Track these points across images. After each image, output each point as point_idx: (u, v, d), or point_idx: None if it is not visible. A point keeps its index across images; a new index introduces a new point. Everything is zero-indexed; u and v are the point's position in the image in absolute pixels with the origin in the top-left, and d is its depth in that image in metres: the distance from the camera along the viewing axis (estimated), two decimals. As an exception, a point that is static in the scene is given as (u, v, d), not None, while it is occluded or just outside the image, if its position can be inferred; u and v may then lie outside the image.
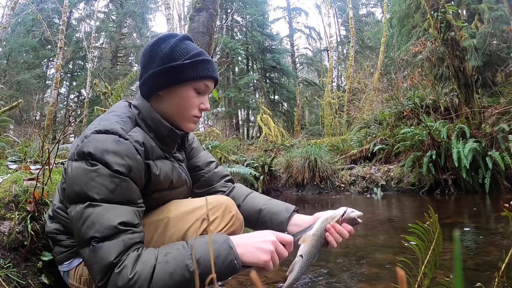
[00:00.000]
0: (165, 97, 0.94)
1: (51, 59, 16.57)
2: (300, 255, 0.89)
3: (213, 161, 1.22)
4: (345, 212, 0.97)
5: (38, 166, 1.79)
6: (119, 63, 18.73)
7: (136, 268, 0.71)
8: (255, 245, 0.80)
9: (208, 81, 0.96)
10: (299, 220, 1.07)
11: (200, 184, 1.16)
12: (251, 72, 17.16)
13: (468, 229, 2.41)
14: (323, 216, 0.98)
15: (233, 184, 1.23)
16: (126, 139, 0.83)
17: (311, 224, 0.99)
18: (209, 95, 1.03)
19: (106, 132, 0.82)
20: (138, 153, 0.84)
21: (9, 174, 1.47)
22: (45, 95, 17.51)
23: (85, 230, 0.74)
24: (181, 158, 1.08)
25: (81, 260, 0.97)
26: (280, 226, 1.06)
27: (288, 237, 0.86)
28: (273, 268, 0.81)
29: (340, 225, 0.97)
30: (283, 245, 0.85)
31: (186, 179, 1.05)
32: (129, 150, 0.82)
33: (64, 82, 17.81)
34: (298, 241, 0.91)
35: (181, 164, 1.06)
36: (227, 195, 1.15)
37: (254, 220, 1.10)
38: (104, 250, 0.71)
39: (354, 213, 0.98)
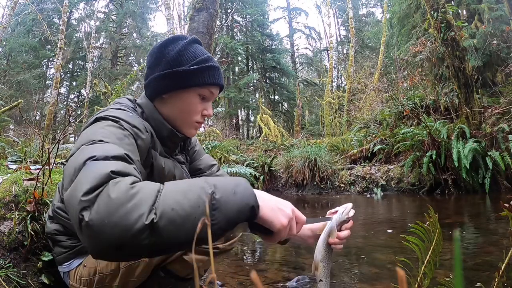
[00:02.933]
0: (168, 101, 0.94)
1: (51, 59, 16.58)
2: (320, 280, 0.92)
3: (215, 164, 1.22)
4: (337, 220, 0.98)
5: (38, 166, 1.79)
6: (119, 63, 18.73)
7: (139, 183, 0.56)
8: (277, 205, 0.69)
9: (213, 88, 0.95)
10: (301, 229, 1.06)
11: None
12: (251, 72, 17.16)
13: (464, 234, 2.41)
14: (322, 236, 0.97)
15: None
16: (138, 117, 0.85)
17: (311, 233, 1.01)
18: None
19: (118, 109, 0.84)
20: (147, 131, 0.85)
21: (9, 174, 1.47)
22: (45, 95, 17.52)
23: (82, 157, 0.59)
24: (182, 160, 1.08)
25: (81, 261, 0.97)
26: None
27: (303, 217, 0.78)
28: (282, 239, 0.72)
29: (339, 230, 0.97)
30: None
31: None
32: (139, 124, 0.82)
33: (64, 82, 17.81)
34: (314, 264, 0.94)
35: (182, 167, 1.06)
36: None
37: None
38: (100, 164, 0.57)
39: (344, 212, 0.99)
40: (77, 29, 18.30)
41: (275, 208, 0.68)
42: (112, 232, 0.49)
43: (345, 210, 0.98)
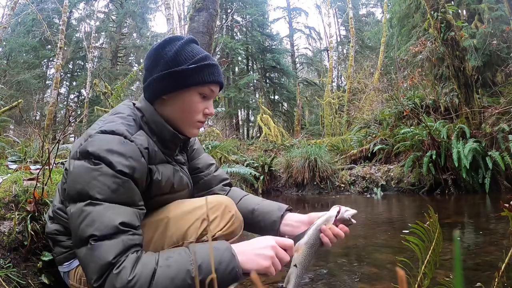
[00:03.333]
0: (169, 102, 0.93)
1: (51, 59, 16.58)
2: (294, 265, 0.88)
3: (213, 164, 1.22)
4: (338, 212, 0.95)
5: (38, 166, 1.79)
6: (119, 63, 18.73)
7: (136, 270, 0.69)
8: (255, 252, 0.79)
9: (213, 86, 0.94)
10: (293, 219, 1.05)
11: (199, 186, 1.16)
12: (251, 72, 17.16)
13: (464, 234, 2.41)
14: (316, 222, 0.95)
15: (230, 187, 1.23)
16: (132, 141, 0.82)
17: (307, 227, 0.98)
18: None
19: (112, 132, 0.81)
20: (143, 156, 0.83)
21: (9, 174, 1.47)
22: (45, 95, 17.52)
23: (83, 228, 0.71)
24: (182, 160, 1.08)
25: None
26: (272, 225, 1.05)
27: (288, 242, 0.85)
28: (275, 273, 0.81)
29: (337, 226, 0.95)
30: (284, 249, 0.84)
31: (188, 183, 1.05)
32: (134, 151, 0.81)
33: (64, 82, 17.81)
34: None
35: (182, 167, 1.05)
36: None
37: (248, 221, 1.09)
38: (102, 249, 0.69)
39: (348, 212, 0.96)
40: (77, 29, 18.30)
41: (253, 257, 0.79)
42: None
43: (349, 211, 0.96)
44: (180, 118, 0.94)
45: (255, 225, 1.09)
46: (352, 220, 0.96)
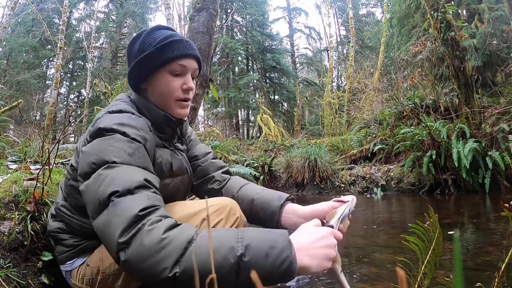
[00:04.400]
0: (148, 89, 0.96)
1: (51, 59, 16.57)
2: (341, 271, 0.83)
3: (210, 152, 1.23)
4: (350, 209, 0.95)
5: (38, 166, 1.79)
6: (119, 63, 18.73)
7: (171, 232, 0.60)
8: (319, 252, 0.67)
9: (181, 60, 0.93)
10: (296, 211, 1.02)
11: (197, 173, 1.16)
12: (251, 72, 17.16)
13: (464, 234, 2.41)
14: (335, 225, 0.89)
15: (230, 176, 1.21)
16: (140, 117, 0.88)
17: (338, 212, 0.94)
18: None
19: (119, 111, 0.86)
20: (150, 130, 0.88)
21: (9, 174, 1.47)
22: (45, 95, 17.52)
23: (103, 189, 0.65)
24: (181, 147, 1.10)
25: (84, 260, 0.96)
26: (272, 216, 1.02)
27: (340, 235, 0.75)
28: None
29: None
30: None
31: (187, 168, 1.07)
32: (144, 125, 0.85)
33: (64, 82, 17.80)
34: None
35: (181, 154, 1.07)
36: (223, 186, 1.14)
37: (248, 211, 1.07)
38: (127, 202, 0.62)
39: (354, 201, 0.96)
40: (77, 29, 18.29)
41: (318, 255, 0.66)
42: (142, 275, 0.59)
43: (353, 200, 0.96)
44: (161, 101, 0.96)
45: (254, 216, 1.06)
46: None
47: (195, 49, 0.97)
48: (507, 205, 0.85)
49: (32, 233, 1.13)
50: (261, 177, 6.25)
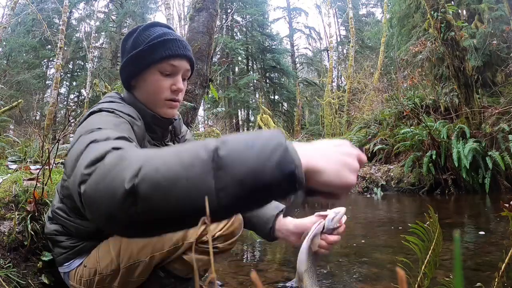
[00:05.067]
0: (137, 86, 0.95)
1: (51, 59, 16.56)
2: None
3: None
4: (323, 227, 0.92)
5: (38, 166, 1.79)
6: (119, 63, 18.66)
7: (139, 150, 0.49)
8: (337, 156, 0.48)
9: (173, 61, 0.91)
10: (283, 226, 1.02)
11: None
12: (251, 72, 17.16)
13: (464, 234, 2.41)
14: (303, 245, 0.92)
15: None
16: (130, 107, 0.88)
17: (295, 236, 0.98)
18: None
19: (109, 103, 0.85)
20: (140, 119, 0.88)
21: (9, 174, 1.47)
22: (45, 95, 17.50)
23: (82, 143, 0.55)
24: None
25: (81, 261, 0.97)
26: (265, 223, 1.03)
27: (364, 157, 0.53)
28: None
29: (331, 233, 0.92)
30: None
31: None
32: (133, 112, 0.86)
33: (64, 82, 17.79)
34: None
35: None
36: None
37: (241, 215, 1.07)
38: (102, 144, 0.53)
39: (335, 219, 0.91)
40: (77, 29, 18.28)
41: (337, 160, 0.47)
42: (101, 201, 0.43)
43: (336, 216, 0.92)
44: (149, 100, 0.94)
45: (247, 220, 1.06)
46: (343, 220, 0.93)
47: (189, 49, 0.95)
48: (507, 205, 0.85)
49: (32, 233, 1.13)
50: (261, 177, 6.25)
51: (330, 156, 0.48)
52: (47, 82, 17.43)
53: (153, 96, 0.94)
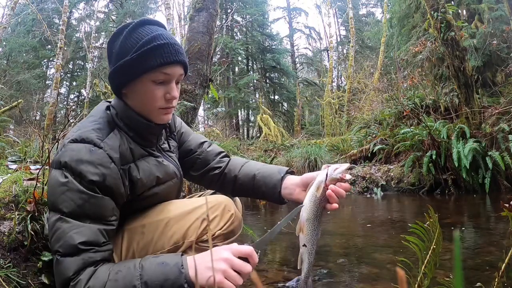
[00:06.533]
0: (129, 94, 0.90)
1: (51, 59, 16.56)
2: (303, 245, 0.85)
3: (205, 141, 1.18)
4: (326, 175, 0.89)
5: (38, 166, 1.79)
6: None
7: (89, 283, 0.73)
8: (206, 265, 0.76)
9: (165, 69, 0.85)
10: (289, 182, 1.02)
11: (196, 166, 1.14)
12: (251, 72, 17.15)
13: (464, 234, 2.41)
14: (308, 192, 0.90)
15: (229, 158, 1.19)
16: (101, 148, 0.81)
17: (302, 189, 0.96)
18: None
19: (82, 141, 0.81)
20: (113, 161, 0.82)
21: (9, 174, 1.47)
22: (45, 95, 17.49)
23: (53, 243, 0.77)
24: (169, 147, 1.05)
25: None
26: (273, 189, 1.02)
27: (246, 249, 0.79)
28: (239, 285, 0.76)
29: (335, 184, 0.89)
30: (245, 258, 0.78)
31: (175, 171, 1.01)
32: (102, 159, 0.81)
33: (64, 82, 17.79)
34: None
35: (169, 155, 1.03)
36: (223, 169, 1.12)
37: (250, 187, 1.07)
38: (64, 265, 0.74)
39: (338, 170, 0.89)
40: (77, 29, 18.29)
41: (204, 272, 0.75)
42: None
43: (339, 168, 0.90)
44: (143, 109, 0.90)
45: (257, 191, 1.06)
46: (347, 176, 0.90)
47: (182, 52, 0.89)
48: (507, 205, 0.85)
49: (32, 233, 1.13)
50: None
51: (200, 267, 0.77)
52: (47, 82, 17.43)
53: (147, 105, 0.89)
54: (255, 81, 16.88)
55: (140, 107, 0.90)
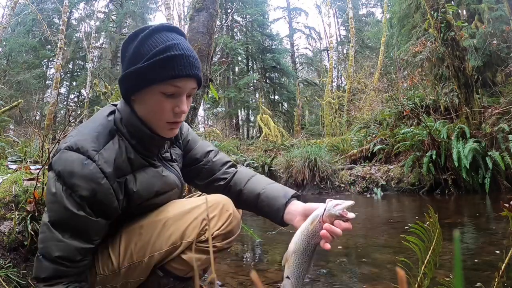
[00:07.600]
0: (137, 102, 0.87)
1: (51, 59, 16.56)
2: (286, 277, 0.79)
3: (212, 150, 1.15)
4: (324, 210, 0.84)
5: (38, 166, 1.79)
6: (119, 63, 18.64)
7: None
8: None
9: (177, 82, 0.82)
10: (292, 208, 0.98)
11: (202, 176, 1.12)
12: (251, 72, 17.16)
13: (464, 234, 2.41)
14: (302, 225, 0.86)
15: (236, 168, 1.15)
16: (94, 161, 0.80)
17: (302, 218, 0.92)
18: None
19: (77, 150, 0.80)
20: (105, 176, 0.80)
21: (9, 174, 1.47)
22: (45, 95, 17.49)
23: (38, 240, 0.84)
24: (172, 157, 1.02)
25: None
26: (277, 212, 0.99)
27: None
28: None
29: (332, 223, 0.84)
30: None
31: (176, 181, 0.99)
32: (94, 174, 0.79)
33: (64, 82, 17.79)
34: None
35: (171, 165, 1.00)
36: (229, 182, 1.10)
37: (254, 205, 1.05)
38: (41, 264, 0.81)
39: (338, 207, 0.83)
40: (77, 29, 18.28)
41: None
42: None
43: (341, 204, 0.84)
44: (150, 119, 0.87)
45: (260, 209, 1.04)
46: (349, 215, 0.84)
47: (197, 66, 0.84)
48: (507, 205, 0.84)
49: (32, 233, 1.13)
50: (261, 177, 6.25)
51: None
52: (47, 82, 17.43)
53: (154, 117, 0.86)
54: (255, 81, 16.88)
55: (147, 117, 0.87)
